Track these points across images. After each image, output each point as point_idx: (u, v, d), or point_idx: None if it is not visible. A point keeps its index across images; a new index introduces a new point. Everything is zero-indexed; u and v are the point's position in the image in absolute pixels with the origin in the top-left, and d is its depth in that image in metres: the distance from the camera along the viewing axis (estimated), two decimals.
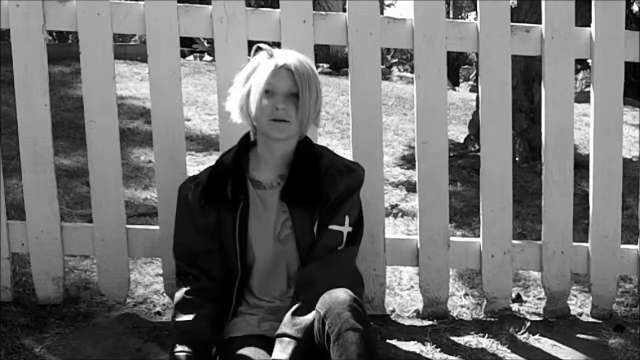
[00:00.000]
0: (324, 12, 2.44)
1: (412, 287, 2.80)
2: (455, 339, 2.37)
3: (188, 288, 1.88)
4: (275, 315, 1.85)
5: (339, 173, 1.91)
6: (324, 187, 1.87)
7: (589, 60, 2.54)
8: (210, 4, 2.35)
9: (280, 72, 1.83)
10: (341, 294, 1.66)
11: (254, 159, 1.95)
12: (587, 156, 2.61)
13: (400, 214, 3.77)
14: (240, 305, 1.92)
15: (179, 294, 1.89)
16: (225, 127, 2.33)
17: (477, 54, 2.56)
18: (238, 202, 1.87)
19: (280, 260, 1.89)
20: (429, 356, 2.25)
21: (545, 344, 2.37)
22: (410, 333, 2.38)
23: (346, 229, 1.89)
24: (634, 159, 5.23)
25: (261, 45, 1.93)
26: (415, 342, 2.32)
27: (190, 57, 11.21)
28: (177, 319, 1.85)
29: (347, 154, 2.35)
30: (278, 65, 1.83)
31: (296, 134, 1.90)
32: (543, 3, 2.47)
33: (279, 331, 1.70)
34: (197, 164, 4.49)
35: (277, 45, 2.21)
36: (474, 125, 5.15)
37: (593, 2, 2.49)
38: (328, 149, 2.00)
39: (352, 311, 1.62)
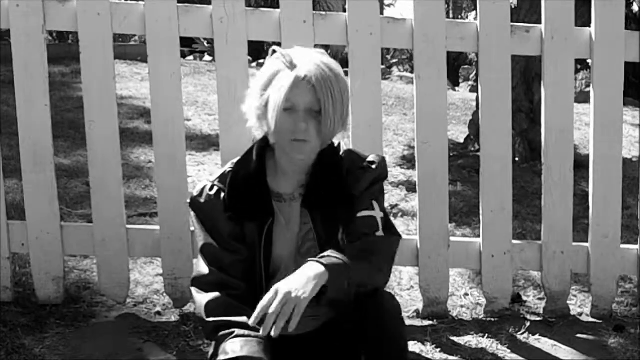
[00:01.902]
0: (324, 12, 2.44)
1: (412, 287, 2.80)
2: (455, 339, 2.38)
3: (218, 294, 1.68)
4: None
5: (362, 171, 1.78)
6: (347, 189, 1.76)
7: (589, 61, 2.55)
8: (210, 4, 2.35)
9: (300, 86, 1.64)
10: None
11: (272, 166, 1.80)
12: (587, 156, 2.61)
13: (400, 214, 3.77)
14: None
15: (209, 296, 1.68)
16: (226, 128, 2.34)
17: (477, 54, 2.56)
18: (265, 220, 1.76)
19: None
20: (429, 356, 2.25)
21: (545, 344, 2.38)
22: (410, 333, 2.37)
23: (378, 214, 1.75)
24: (634, 159, 5.23)
25: (277, 49, 1.73)
26: (415, 342, 2.32)
27: (191, 57, 11.23)
28: (216, 318, 1.64)
29: None
30: (299, 78, 1.64)
31: (318, 148, 1.75)
32: (543, 3, 2.47)
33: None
34: (197, 163, 4.49)
35: (277, 45, 2.19)
36: (474, 125, 5.15)
37: (593, 2, 2.50)
38: (352, 150, 1.85)
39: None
